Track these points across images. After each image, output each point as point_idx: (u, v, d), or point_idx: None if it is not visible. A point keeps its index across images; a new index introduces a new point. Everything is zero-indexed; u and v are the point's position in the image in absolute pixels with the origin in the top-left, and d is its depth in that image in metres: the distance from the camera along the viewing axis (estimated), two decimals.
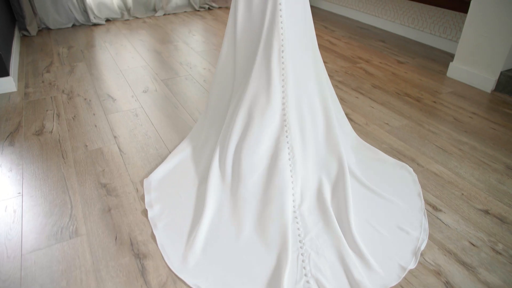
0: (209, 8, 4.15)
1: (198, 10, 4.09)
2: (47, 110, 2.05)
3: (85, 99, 2.17)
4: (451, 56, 2.91)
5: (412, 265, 1.17)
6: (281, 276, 1.10)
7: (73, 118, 1.97)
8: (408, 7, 3.28)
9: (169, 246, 1.23)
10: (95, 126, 1.90)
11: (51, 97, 2.20)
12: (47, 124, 1.92)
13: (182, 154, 1.61)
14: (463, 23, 2.89)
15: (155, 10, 3.96)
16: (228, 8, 4.22)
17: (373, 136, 1.84)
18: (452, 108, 2.14)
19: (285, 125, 1.34)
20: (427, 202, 1.44)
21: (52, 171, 1.57)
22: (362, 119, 1.99)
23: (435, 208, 1.41)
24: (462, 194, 1.48)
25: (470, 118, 2.04)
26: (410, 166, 1.63)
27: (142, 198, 1.43)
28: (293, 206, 1.31)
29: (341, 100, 2.18)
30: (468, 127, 1.95)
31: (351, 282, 1.11)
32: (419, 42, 3.21)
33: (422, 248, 1.23)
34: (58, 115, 2.00)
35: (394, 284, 1.11)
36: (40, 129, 1.87)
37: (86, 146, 1.74)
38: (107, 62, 2.69)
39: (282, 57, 1.29)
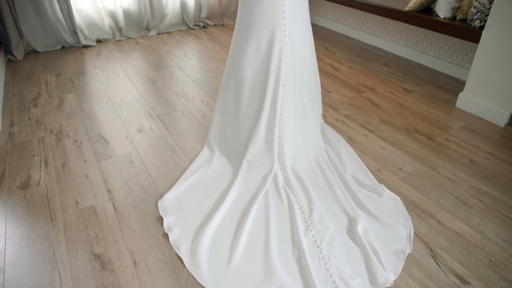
0: (204, 26, 4.01)
1: (193, 29, 3.95)
2: (33, 156, 1.89)
3: (75, 140, 2.02)
4: (457, 82, 2.81)
5: (408, 250, 1.38)
6: (308, 280, 1.23)
7: (62, 166, 1.82)
8: (411, 29, 3.18)
9: (197, 267, 1.29)
10: (87, 176, 1.75)
11: (38, 138, 2.04)
12: (33, 174, 1.77)
13: (194, 177, 1.69)
14: (469, 48, 2.78)
15: (148, 29, 3.81)
16: (223, 25, 4.08)
17: (387, 186, 1.72)
18: (466, 148, 2.02)
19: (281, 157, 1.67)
20: (453, 272, 1.31)
21: (39, 238, 1.42)
22: (374, 164, 1.86)
23: (462, 280, 1.29)
24: (490, 260, 1.36)
25: (487, 160, 1.92)
26: (429, 224, 1.51)
27: (141, 274, 1.28)
28: (303, 218, 1.47)
29: (350, 139, 2.06)
30: (486, 172, 1.83)
31: (371, 272, 1.26)
32: (423, 65, 3.10)
33: (412, 234, 1.44)
34: (46, 162, 1.85)
35: (400, 268, 1.30)
36: (26, 181, 1.72)
37: (77, 203, 1.59)
38: (98, 93, 2.54)
39: (283, 96, 1.59)
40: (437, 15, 2.57)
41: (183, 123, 2.19)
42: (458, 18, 2.48)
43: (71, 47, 3.43)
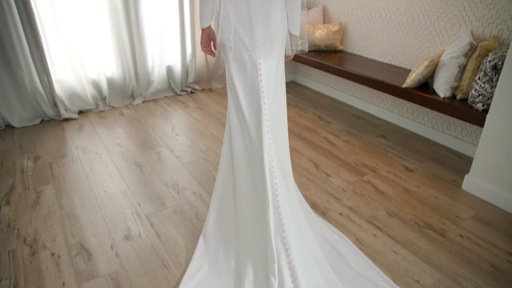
0: (191, 92, 3.88)
1: (180, 95, 3.81)
2: (1, 280, 1.65)
3: (52, 254, 1.79)
4: (458, 157, 2.71)
5: None
6: None
7: None
8: None
9: None
10: None
11: (8, 251, 1.80)
12: None
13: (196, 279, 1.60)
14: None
15: (133, 97, 3.65)
16: (211, 90, 3.96)
17: None
18: (483, 247, 1.87)
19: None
20: None
21: None
22: (387, 274, 1.69)
23: None
24: None
25: (509, 264, 1.77)
26: None
27: None
28: None
29: (358, 241, 1.89)
30: (511, 281, 1.67)
31: None
32: (421, 136, 3.01)
33: None
34: None
35: None
36: None
37: None
38: (80, 183, 2.33)
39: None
40: (436, 93, 2.50)
41: (174, 224, 1.98)
42: (458, 97, 2.41)
43: (51, 120, 3.23)
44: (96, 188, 2.28)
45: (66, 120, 3.24)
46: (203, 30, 1.57)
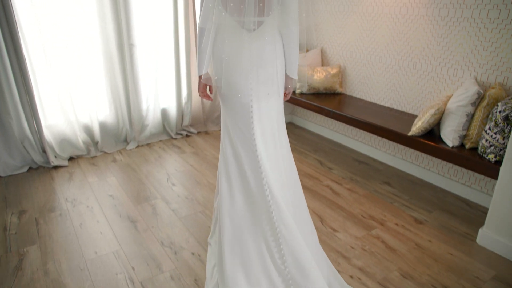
0: (186, 135, 3.76)
1: (175, 138, 3.69)
2: None
3: None
4: (468, 205, 2.60)
5: None
6: None
7: None
8: None
9: None
10: None
11: None
12: None
13: None
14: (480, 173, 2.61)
15: (126, 142, 3.52)
16: (207, 133, 3.85)
17: None
18: None
19: None
20: None
21: None
22: None
23: None
24: None
25: None
26: None
27: None
28: None
29: None
30: None
31: None
32: (427, 182, 2.90)
33: None
34: None
35: None
36: None
37: None
38: (68, 243, 2.15)
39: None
40: (443, 141, 2.41)
41: None
42: (467, 147, 2.32)
43: (40, 168, 3.07)
44: (86, 249, 2.11)
45: (56, 167, 3.08)
46: (200, 76, 1.60)
